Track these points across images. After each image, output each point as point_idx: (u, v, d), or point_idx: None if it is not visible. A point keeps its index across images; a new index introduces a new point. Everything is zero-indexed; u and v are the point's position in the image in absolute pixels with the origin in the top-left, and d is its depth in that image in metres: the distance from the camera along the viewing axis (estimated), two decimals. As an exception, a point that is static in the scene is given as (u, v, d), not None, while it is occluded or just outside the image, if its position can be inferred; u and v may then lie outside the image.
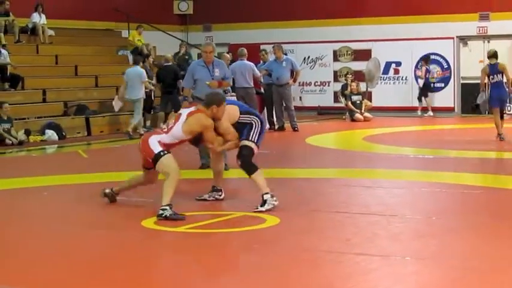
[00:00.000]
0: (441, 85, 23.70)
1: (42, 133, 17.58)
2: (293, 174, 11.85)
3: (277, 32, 24.64)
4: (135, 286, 6.02)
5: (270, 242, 7.33)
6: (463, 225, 8.04)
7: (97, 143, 17.41)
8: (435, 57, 23.65)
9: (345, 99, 22.43)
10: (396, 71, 24.13)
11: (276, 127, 19.27)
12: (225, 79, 11.49)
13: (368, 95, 23.00)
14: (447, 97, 23.56)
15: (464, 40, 23.51)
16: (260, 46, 23.08)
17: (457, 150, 14.69)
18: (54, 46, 21.51)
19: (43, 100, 19.26)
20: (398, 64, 24.03)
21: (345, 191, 10.34)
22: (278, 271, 6.29)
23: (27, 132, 17.20)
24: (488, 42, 22.97)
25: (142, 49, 22.54)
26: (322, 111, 24.61)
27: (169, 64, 19.10)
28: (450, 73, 23.55)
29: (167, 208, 8.17)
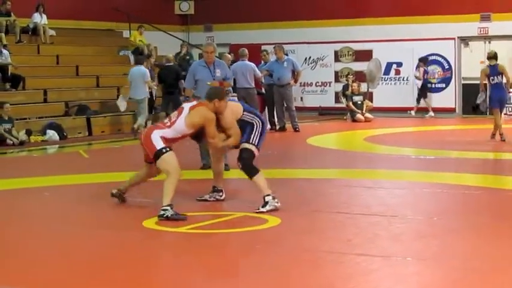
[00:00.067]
0: (442, 86, 23.69)
1: (43, 133, 17.57)
2: (294, 174, 11.85)
3: (278, 33, 24.64)
4: (135, 286, 6.02)
5: (271, 243, 7.32)
6: (464, 225, 8.04)
7: (98, 143, 17.41)
8: (436, 57, 23.65)
9: (346, 99, 22.42)
10: (397, 72, 24.12)
11: (277, 127, 19.26)
12: (226, 79, 11.50)
13: (369, 96, 22.99)
14: (448, 98, 23.54)
15: (465, 41, 23.50)
16: (261, 46, 23.06)
17: (458, 150, 14.68)
18: (55, 46, 21.52)
19: (44, 100, 19.27)
20: (399, 65, 24.02)
21: (346, 192, 10.34)
22: (279, 271, 6.29)
23: (28, 132, 17.20)
24: (489, 42, 22.97)
25: (143, 49, 22.56)
26: (323, 111, 24.61)
27: (170, 64, 19.09)
28: (451, 74, 23.53)
29: (168, 208, 8.15)
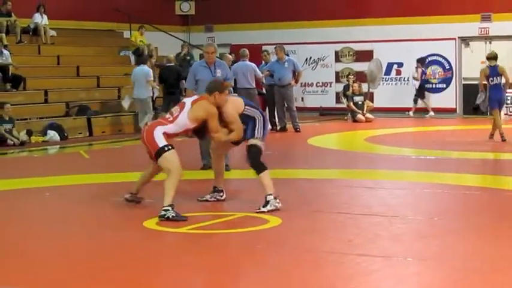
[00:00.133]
0: (443, 86, 23.69)
1: (44, 134, 17.58)
2: (295, 174, 11.84)
3: (279, 33, 24.63)
4: (135, 286, 6.02)
5: (272, 243, 7.32)
6: (465, 226, 8.04)
7: (99, 144, 17.41)
8: (437, 58, 23.66)
9: (347, 100, 22.42)
10: (398, 72, 24.12)
11: (278, 128, 19.26)
12: (227, 80, 11.47)
13: (370, 96, 22.99)
14: (449, 98, 23.53)
15: (466, 41, 23.50)
16: (262, 47, 23.10)
17: (459, 151, 14.67)
18: (56, 47, 21.52)
19: (45, 101, 19.27)
20: (400, 65, 24.02)
21: (347, 192, 10.34)
22: (280, 272, 6.28)
23: (29, 132, 17.20)
24: (490, 43, 22.96)
25: (143, 50, 22.57)
26: (324, 112, 24.61)
27: (171, 65, 19.10)
28: (452, 74, 23.53)
29: (169, 209, 8.13)
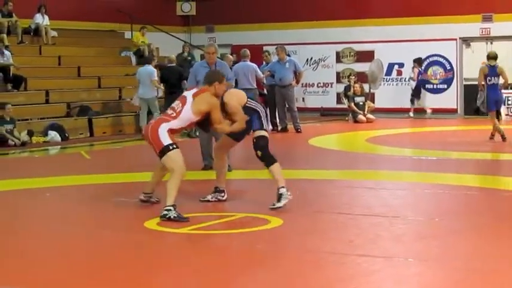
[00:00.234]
0: (444, 86, 23.69)
1: (45, 134, 17.58)
2: (296, 175, 11.83)
3: (280, 33, 24.65)
4: (136, 286, 6.02)
5: (273, 243, 7.32)
6: (466, 226, 8.03)
7: (100, 144, 17.42)
8: (438, 58, 23.66)
9: (348, 100, 22.42)
10: (399, 73, 24.12)
11: (279, 128, 19.26)
12: (228, 80, 11.48)
13: (371, 97, 22.98)
14: (450, 98, 23.54)
15: (467, 41, 23.50)
16: (263, 47, 23.11)
17: (460, 151, 14.66)
18: (57, 47, 21.53)
19: (46, 101, 19.27)
20: (401, 65, 24.02)
21: (348, 193, 10.35)
22: (281, 272, 6.28)
23: (30, 133, 17.21)
24: (491, 43, 22.96)
25: (144, 50, 22.58)
26: (325, 112, 24.62)
27: (173, 65, 19.10)
28: (453, 74, 23.54)
29: (171, 209, 8.11)
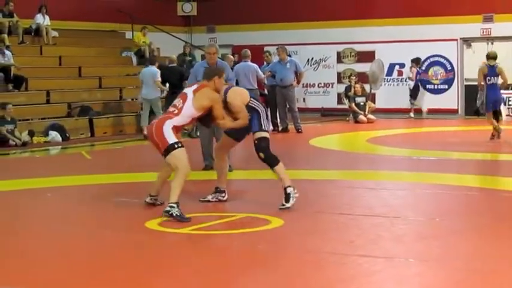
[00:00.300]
0: (445, 87, 23.69)
1: (45, 134, 17.59)
2: (297, 175, 11.80)
3: (280, 34, 24.65)
4: (136, 286, 6.02)
5: (274, 244, 7.32)
6: (467, 226, 8.04)
7: (100, 144, 17.42)
8: (439, 59, 23.66)
9: (349, 100, 22.43)
10: (400, 73, 24.13)
11: (280, 129, 19.26)
12: (229, 81, 11.50)
13: (371, 97, 22.99)
14: (451, 99, 23.54)
15: (468, 42, 23.50)
16: (264, 48, 23.11)
17: (460, 152, 14.66)
18: (57, 47, 21.53)
19: (47, 101, 19.27)
20: (401, 66, 24.02)
21: (349, 193, 10.35)
22: (281, 272, 6.28)
23: (30, 133, 17.21)
24: (491, 43, 22.96)
25: (144, 51, 22.58)
26: (325, 112, 24.62)
27: (174, 65, 19.10)
28: (454, 75, 23.54)
29: (175, 206, 8.12)
